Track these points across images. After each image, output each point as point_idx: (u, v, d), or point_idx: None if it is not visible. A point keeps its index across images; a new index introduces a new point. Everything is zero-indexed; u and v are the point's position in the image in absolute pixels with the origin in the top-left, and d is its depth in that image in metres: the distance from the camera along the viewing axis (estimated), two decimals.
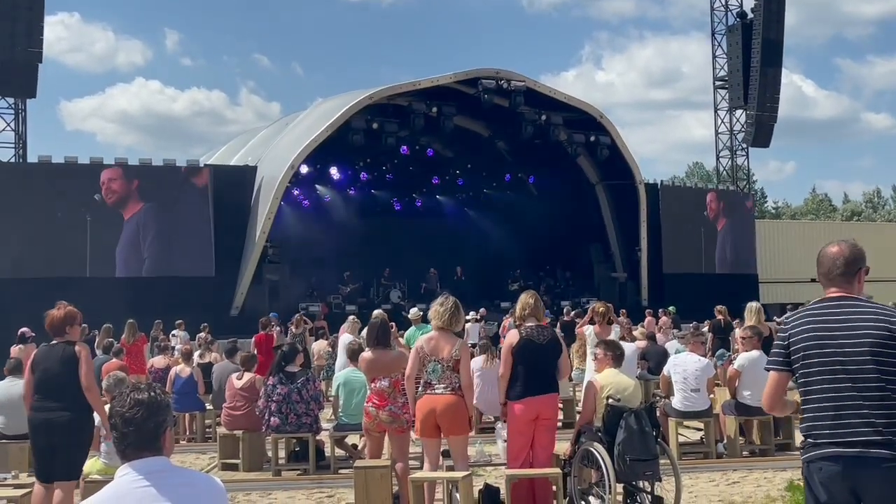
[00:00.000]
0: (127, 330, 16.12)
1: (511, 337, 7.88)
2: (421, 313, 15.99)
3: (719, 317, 17.40)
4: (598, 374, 8.32)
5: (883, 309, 3.99)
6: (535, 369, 7.65)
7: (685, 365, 10.62)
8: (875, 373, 3.83)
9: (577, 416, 11.35)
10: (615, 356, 8.29)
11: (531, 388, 7.61)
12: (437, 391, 7.47)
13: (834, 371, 3.91)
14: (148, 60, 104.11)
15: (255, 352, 16.99)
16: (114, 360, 13.08)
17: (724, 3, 40.01)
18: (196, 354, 15.21)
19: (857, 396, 3.84)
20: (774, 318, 25.16)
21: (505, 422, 8.16)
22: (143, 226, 24.91)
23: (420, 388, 7.68)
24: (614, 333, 10.96)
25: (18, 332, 15.91)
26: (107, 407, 7.70)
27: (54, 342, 7.37)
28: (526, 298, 8.02)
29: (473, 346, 14.65)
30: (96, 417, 7.43)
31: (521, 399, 7.59)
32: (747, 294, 25.60)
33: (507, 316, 18.69)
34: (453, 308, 7.65)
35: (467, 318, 20.43)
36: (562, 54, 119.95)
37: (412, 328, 15.53)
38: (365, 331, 10.43)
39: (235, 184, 26.39)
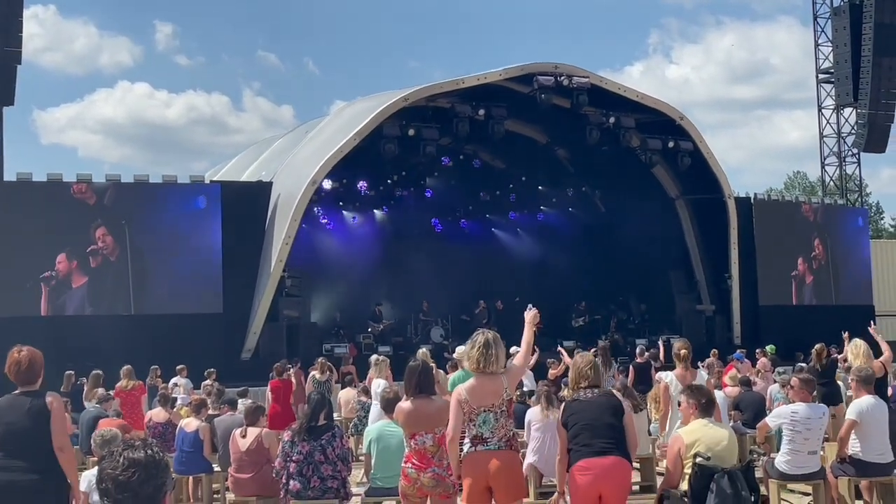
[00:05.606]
0: (123, 377, 16.27)
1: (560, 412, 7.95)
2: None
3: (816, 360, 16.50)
4: (682, 428, 8.18)
5: None
6: (590, 424, 7.49)
7: (806, 417, 10.05)
8: None
9: (658, 478, 11.22)
10: (700, 405, 8.10)
11: (588, 448, 7.44)
12: (490, 446, 7.42)
13: None
14: (136, 60, 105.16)
15: (272, 399, 17.09)
16: (111, 416, 13.21)
17: None
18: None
19: None
20: None
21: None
22: (134, 258, 25.13)
23: (468, 445, 7.56)
24: (699, 378, 10.70)
25: None
26: (94, 469, 7.74)
27: (18, 392, 7.33)
28: (583, 366, 7.85)
29: (530, 394, 14.56)
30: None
31: (578, 464, 7.45)
32: (861, 330, 25.19)
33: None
34: (486, 344, 7.54)
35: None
36: (624, 45, 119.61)
37: (459, 372, 15.39)
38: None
39: (247, 203, 26.53)
